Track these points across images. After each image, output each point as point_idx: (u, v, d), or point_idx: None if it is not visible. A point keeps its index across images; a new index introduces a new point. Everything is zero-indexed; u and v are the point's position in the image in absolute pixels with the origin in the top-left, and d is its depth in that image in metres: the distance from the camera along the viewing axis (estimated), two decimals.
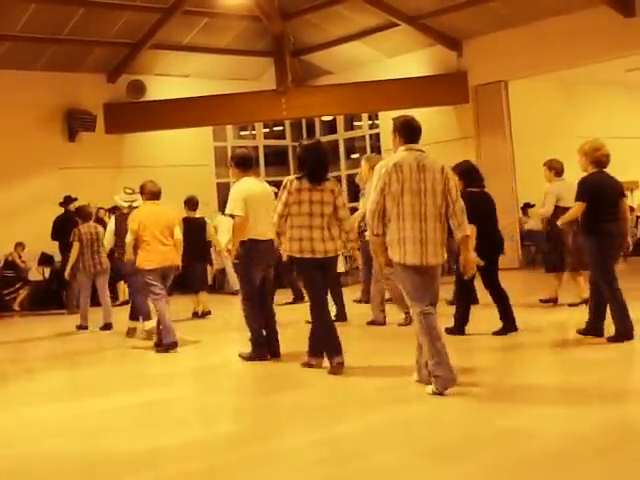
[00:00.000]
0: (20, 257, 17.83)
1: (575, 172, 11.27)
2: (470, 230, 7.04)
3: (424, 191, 6.68)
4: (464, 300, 9.73)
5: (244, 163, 9.01)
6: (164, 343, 9.83)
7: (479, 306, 11.01)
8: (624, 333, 8.34)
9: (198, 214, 13.84)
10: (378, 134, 21.98)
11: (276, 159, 23.66)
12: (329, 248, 7.87)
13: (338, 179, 12.58)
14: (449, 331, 9.19)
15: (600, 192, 8.58)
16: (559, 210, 10.89)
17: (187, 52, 20.63)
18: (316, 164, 7.95)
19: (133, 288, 11.61)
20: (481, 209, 9.44)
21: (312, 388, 7.48)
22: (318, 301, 7.97)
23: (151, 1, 18.63)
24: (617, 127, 21.02)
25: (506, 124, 19.17)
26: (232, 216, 8.74)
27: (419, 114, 17.99)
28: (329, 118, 23.08)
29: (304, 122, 23.45)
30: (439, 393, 6.51)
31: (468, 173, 9.89)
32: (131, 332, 11.59)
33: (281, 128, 23.73)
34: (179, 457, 5.51)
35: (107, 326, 12.66)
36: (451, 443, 5.41)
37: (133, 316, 11.64)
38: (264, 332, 8.80)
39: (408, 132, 6.98)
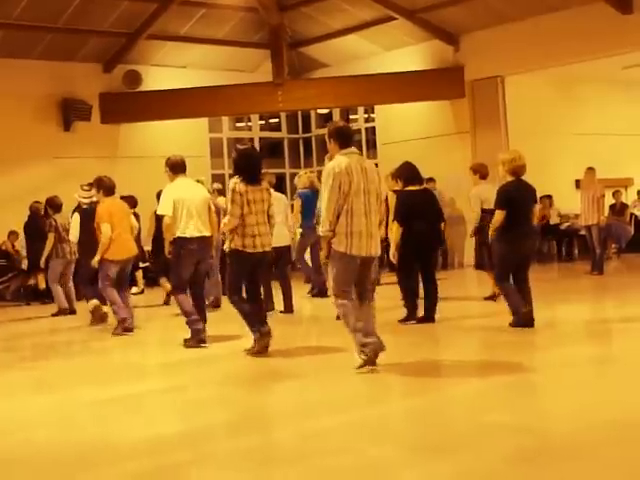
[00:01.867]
0: (13, 246, 17.78)
1: (571, 168, 11.38)
2: (396, 228, 9.81)
3: (368, 191, 7.47)
4: (408, 290, 10.55)
5: (174, 167, 9.99)
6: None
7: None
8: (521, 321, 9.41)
9: None
10: (374, 127, 21.96)
11: (272, 151, 23.64)
12: (268, 242, 8.87)
13: None
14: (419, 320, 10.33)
15: (517, 199, 9.50)
16: (485, 212, 11.47)
17: (184, 43, 20.60)
18: (254, 167, 8.86)
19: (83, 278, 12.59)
20: (416, 207, 10.32)
21: (302, 380, 7.50)
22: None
23: None
24: (613, 124, 21.03)
25: (502, 119, 19.17)
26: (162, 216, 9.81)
27: (415, 108, 18.12)
28: (325, 111, 23.04)
29: (300, 114, 23.43)
30: (371, 361, 7.34)
31: (407, 173, 10.71)
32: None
33: (277, 120, 23.70)
34: (173, 447, 5.52)
35: (72, 312, 13.59)
36: (437, 438, 5.42)
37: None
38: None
39: (343, 138, 7.65)
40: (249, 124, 23.43)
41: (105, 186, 11.36)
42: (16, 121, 18.53)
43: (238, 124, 23.53)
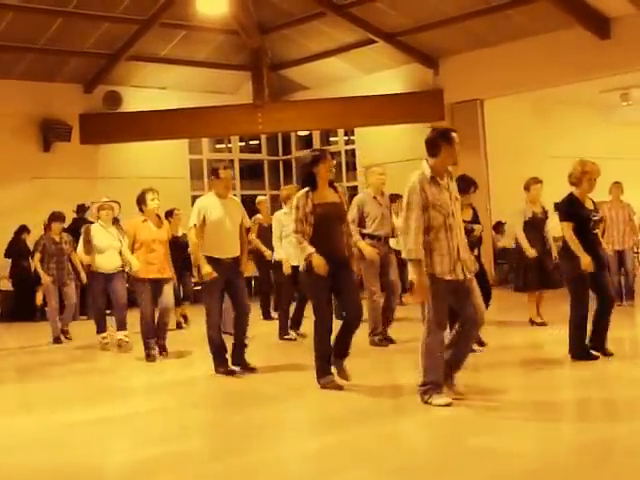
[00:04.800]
0: None
1: (549, 191, 11.40)
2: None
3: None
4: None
5: None
6: None
7: None
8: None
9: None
10: (354, 150, 22.02)
11: (252, 173, 23.65)
12: None
13: None
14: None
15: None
16: None
17: (164, 64, 20.62)
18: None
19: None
20: None
21: (284, 404, 7.49)
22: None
23: (129, 13, 18.60)
24: (591, 148, 21.13)
25: (481, 142, 19.28)
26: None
27: (395, 131, 18.12)
28: (305, 133, 23.11)
29: (280, 136, 23.47)
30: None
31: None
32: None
33: (257, 142, 23.74)
34: (150, 471, 5.49)
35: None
36: (422, 461, 5.42)
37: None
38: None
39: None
40: (229, 146, 23.45)
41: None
42: None
43: (218, 146, 23.55)
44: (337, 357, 7.83)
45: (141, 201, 10.36)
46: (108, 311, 12.20)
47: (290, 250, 11.16)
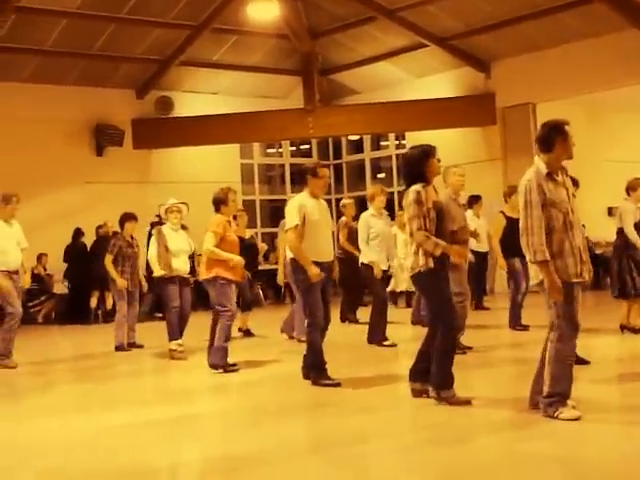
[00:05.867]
0: (45, 270, 17.90)
1: (603, 195, 11.31)
2: None
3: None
4: None
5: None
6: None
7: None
8: None
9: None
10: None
11: (302, 177, 23.62)
12: None
13: (364, 199, 12.53)
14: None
15: None
16: None
17: (216, 69, 20.75)
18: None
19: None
20: None
21: (340, 406, 7.46)
22: None
23: (181, 18, 18.76)
24: None
25: (534, 147, 19.01)
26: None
27: (446, 135, 18.01)
28: (356, 137, 23.09)
29: (331, 141, 23.48)
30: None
31: None
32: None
33: (308, 146, 23.76)
34: (202, 474, 5.50)
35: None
36: (469, 468, 5.36)
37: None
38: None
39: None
40: (280, 150, 23.50)
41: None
42: (50, 146, 18.72)
43: (269, 150, 23.62)
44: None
45: (221, 201, 9.64)
46: (160, 315, 12.11)
47: (377, 253, 11.04)
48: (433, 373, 7.05)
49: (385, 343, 10.90)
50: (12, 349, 10.70)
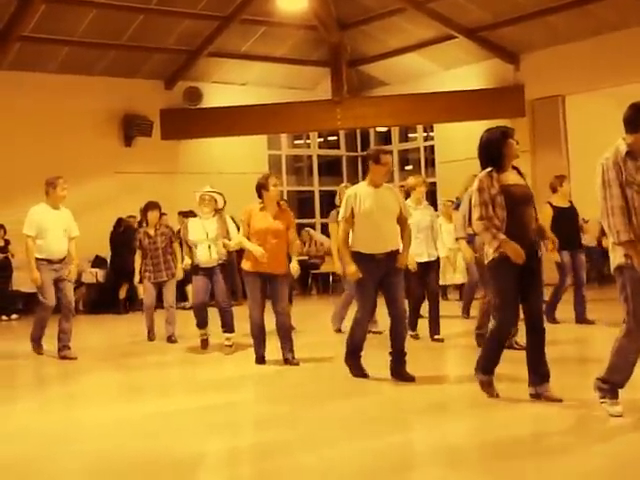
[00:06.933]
0: None
1: None
2: None
3: None
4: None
5: None
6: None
7: None
8: None
9: None
10: (433, 146, 21.89)
11: (330, 168, 23.67)
12: None
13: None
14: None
15: None
16: None
17: (244, 60, 20.77)
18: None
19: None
20: None
21: (371, 397, 7.47)
22: None
23: (210, 9, 18.78)
24: None
25: (562, 139, 19.00)
26: None
27: (475, 127, 17.89)
28: (384, 129, 23.06)
29: (359, 132, 23.46)
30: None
31: None
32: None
33: (335, 138, 23.75)
34: (233, 462, 5.53)
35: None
36: (501, 460, 5.36)
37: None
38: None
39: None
40: (308, 141, 23.50)
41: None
42: (79, 136, 18.82)
43: (297, 141, 23.62)
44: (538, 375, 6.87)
45: (262, 186, 9.42)
46: (187, 304, 12.04)
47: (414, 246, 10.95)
48: (480, 355, 7.04)
49: (412, 333, 10.70)
50: (42, 337, 10.69)
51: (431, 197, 18.41)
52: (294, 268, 9.43)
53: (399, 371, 8.08)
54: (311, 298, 19.20)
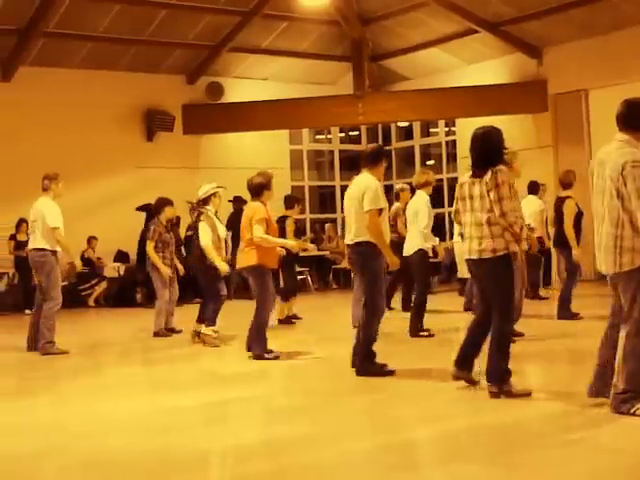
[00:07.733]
0: (94, 252, 18.01)
1: None
2: None
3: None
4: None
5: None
6: None
7: None
8: None
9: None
10: (454, 141, 21.83)
11: (351, 164, 23.64)
12: None
13: (411, 185, 12.27)
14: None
15: None
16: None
17: (266, 55, 20.78)
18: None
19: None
20: None
21: (387, 393, 7.47)
22: None
23: (232, 4, 18.80)
24: None
25: (585, 134, 18.89)
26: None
27: (497, 121, 17.82)
28: (405, 124, 23.01)
29: (380, 127, 23.42)
30: None
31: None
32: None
33: (357, 133, 23.72)
34: (249, 457, 5.53)
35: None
36: (521, 453, 5.33)
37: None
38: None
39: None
40: (329, 136, 23.49)
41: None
42: (101, 130, 18.89)
43: (318, 136, 23.62)
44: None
45: (264, 186, 9.65)
46: (199, 300, 12.00)
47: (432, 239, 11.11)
48: (491, 368, 6.76)
49: (422, 334, 10.73)
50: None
51: (452, 192, 18.31)
52: None
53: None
54: (332, 293, 19.19)
